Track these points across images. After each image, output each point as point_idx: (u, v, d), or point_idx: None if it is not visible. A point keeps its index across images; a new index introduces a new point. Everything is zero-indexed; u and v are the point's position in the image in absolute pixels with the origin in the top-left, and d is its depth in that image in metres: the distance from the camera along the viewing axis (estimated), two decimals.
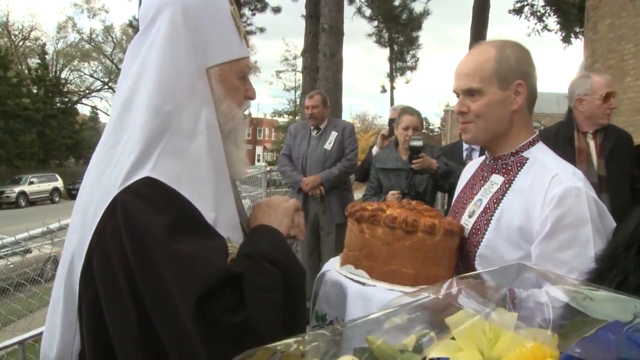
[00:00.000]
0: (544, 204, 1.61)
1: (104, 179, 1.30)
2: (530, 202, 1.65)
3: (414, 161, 4.16)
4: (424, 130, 5.01)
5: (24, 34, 47.33)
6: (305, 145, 5.85)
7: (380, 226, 1.63)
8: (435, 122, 58.83)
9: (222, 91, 1.41)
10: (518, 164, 1.77)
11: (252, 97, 1.52)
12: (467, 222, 1.81)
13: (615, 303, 0.75)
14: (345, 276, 1.65)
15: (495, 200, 1.75)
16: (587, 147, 3.61)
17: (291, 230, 1.52)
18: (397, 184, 4.45)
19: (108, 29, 50.27)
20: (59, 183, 34.53)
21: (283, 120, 43.08)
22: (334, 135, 5.80)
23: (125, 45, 50.24)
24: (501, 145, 1.80)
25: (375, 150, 5.21)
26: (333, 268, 1.75)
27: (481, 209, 1.78)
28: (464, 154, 5.15)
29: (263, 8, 20.41)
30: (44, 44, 45.88)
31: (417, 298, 0.86)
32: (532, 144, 1.80)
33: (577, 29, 19.11)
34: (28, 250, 4.41)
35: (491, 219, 1.73)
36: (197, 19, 1.37)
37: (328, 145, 5.75)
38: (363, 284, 1.60)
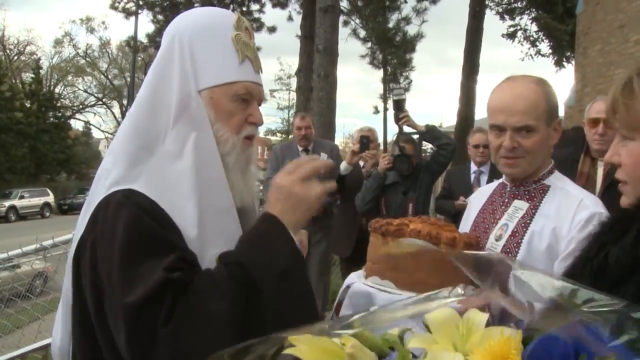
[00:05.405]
0: (572, 226, 1.74)
1: (92, 194, 1.40)
2: (558, 225, 1.78)
3: (400, 116, 4.41)
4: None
5: (19, 48, 47.44)
6: None
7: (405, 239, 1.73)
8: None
9: (213, 114, 1.43)
10: (541, 191, 1.89)
11: (256, 123, 1.50)
12: (495, 245, 1.90)
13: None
14: (372, 287, 1.74)
15: (523, 225, 1.85)
16: (592, 174, 3.46)
17: None
18: (394, 198, 4.62)
19: (104, 45, 50.39)
20: (50, 198, 34.30)
21: (276, 138, 43.16)
22: (324, 157, 5.75)
23: (120, 62, 50.41)
24: (530, 174, 1.91)
25: (343, 165, 5.21)
26: (358, 280, 1.85)
27: (509, 232, 1.88)
28: (472, 177, 5.22)
29: (259, 28, 20.59)
30: (39, 59, 45.93)
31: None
32: (551, 172, 1.92)
33: (569, 54, 19.38)
34: (17, 266, 4.39)
35: (521, 242, 1.83)
36: (192, 45, 1.42)
37: None
38: (390, 293, 1.69)
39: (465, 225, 2.12)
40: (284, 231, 1.31)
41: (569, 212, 1.78)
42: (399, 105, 4.55)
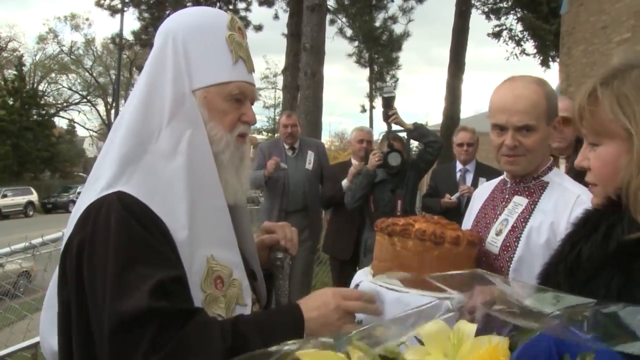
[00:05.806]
0: (569, 221, 1.77)
1: (84, 194, 1.39)
2: (556, 220, 1.85)
3: (389, 113, 4.45)
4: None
5: (1, 44, 46.74)
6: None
7: (411, 239, 1.79)
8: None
9: (207, 114, 1.44)
10: (540, 187, 1.96)
11: (250, 122, 1.52)
12: (495, 240, 1.97)
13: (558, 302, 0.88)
14: (380, 285, 1.78)
15: (522, 220, 1.93)
16: None
17: (283, 241, 1.62)
18: (382, 195, 4.65)
19: (89, 42, 49.84)
20: (34, 197, 33.89)
21: (262, 137, 43.12)
22: (311, 155, 5.82)
23: (105, 59, 49.94)
24: (530, 171, 1.97)
25: (345, 183, 5.33)
26: (365, 278, 1.89)
27: (508, 227, 1.95)
28: (457, 175, 5.28)
29: (245, 26, 20.49)
30: (22, 56, 45.36)
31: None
32: (550, 169, 1.99)
33: (553, 53, 19.60)
34: (1, 265, 4.36)
35: (520, 237, 1.90)
36: (186, 44, 1.44)
37: (309, 166, 5.77)
38: (397, 291, 1.73)
39: (468, 220, 2.20)
40: (300, 337, 1.33)
41: (566, 208, 1.84)
42: (389, 103, 4.59)
